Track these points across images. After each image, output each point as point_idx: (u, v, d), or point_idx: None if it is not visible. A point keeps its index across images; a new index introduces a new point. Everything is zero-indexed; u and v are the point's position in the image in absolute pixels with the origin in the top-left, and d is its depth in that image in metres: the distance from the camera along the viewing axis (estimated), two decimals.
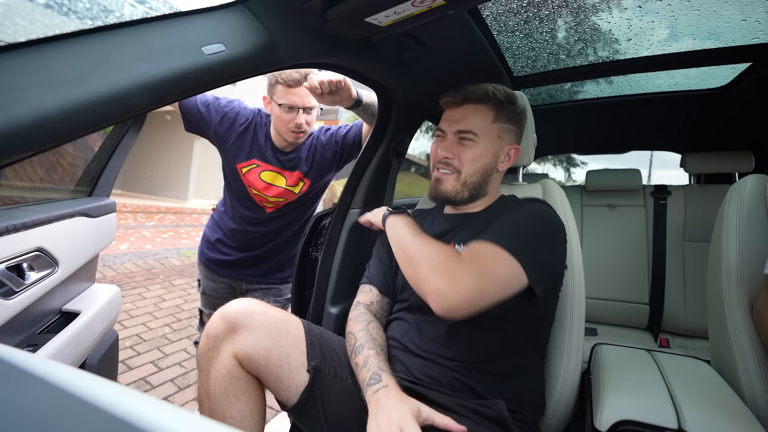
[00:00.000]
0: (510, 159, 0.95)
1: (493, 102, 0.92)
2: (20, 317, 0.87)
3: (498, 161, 0.93)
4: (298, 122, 1.27)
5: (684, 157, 1.96)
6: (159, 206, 9.73)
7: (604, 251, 1.93)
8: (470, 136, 0.90)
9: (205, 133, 1.36)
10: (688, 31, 1.18)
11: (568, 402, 0.87)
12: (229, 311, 0.79)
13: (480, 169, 0.91)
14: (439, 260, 0.72)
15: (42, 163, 1.28)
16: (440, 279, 0.69)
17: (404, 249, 0.80)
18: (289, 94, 1.25)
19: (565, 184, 7.63)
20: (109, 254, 4.19)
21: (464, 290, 0.68)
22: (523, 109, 0.97)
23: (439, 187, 0.93)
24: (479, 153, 0.90)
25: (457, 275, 0.69)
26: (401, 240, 0.83)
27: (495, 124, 0.92)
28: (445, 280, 0.69)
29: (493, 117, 0.91)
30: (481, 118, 0.91)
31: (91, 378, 0.24)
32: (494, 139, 0.91)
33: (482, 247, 0.74)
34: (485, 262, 0.71)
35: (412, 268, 0.76)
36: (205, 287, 1.56)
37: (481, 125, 0.91)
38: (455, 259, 0.72)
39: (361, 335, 0.88)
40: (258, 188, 1.37)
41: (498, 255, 0.72)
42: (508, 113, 0.93)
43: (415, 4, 0.68)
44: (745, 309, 0.84)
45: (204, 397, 0.78)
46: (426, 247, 0.77)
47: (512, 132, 0.95)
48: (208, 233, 1.54)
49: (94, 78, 0.50)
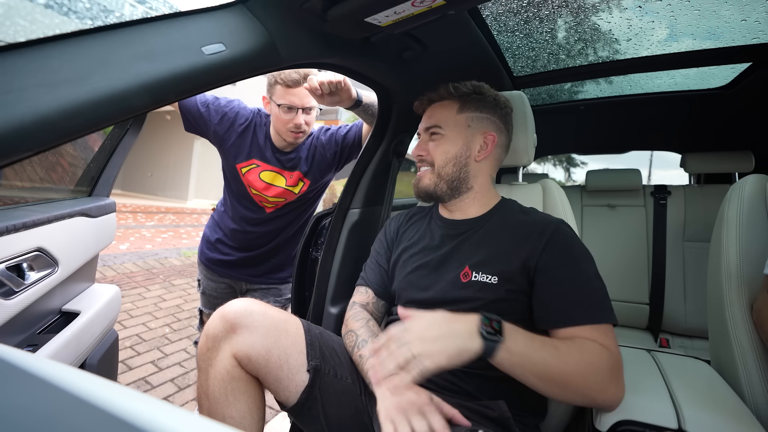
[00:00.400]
0: (488, 147, 0.93)
1: (456, 95, 0.93)
2: (20, 317, 0.87)
3: (472, 150, 0.92)
4: (297, 122, 1.27)
5: (684, 157, 1.96)
6: (159, 206, 9.73)
7: (604, 251, 1.93)
8: (436, 129, 0.93)
9: (205, 133, 1.36)
10: (688, 31, 1.18)
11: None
12: (228, 311, 0.79)
13: (451, 159, 0.91)
14: (600, 371, 0.66)
15: (42, 163, 1.28)
16: (610, 387, 0.66)
17: (554, 380, 0.65)
18: (288, 95, 1.25)
19: (565, 184, 7.63)
20: (109, 254, 4.19)
21: (622, 376, 0.68)
22: (495, 97, 0.96)
23: (419, 184, 0.95)
24: (447, 144, 0.92)
25: (617, 371, 0.68)
26: (544, 372, 0.65)
27: (461, 115, 0.92)
28: (614, 383, 0.67)
29: (458, 108, 0.93)
30: (446, 111, 0.93)
31: (91, 378, 0.24)
32: (463, 129, 0.92)
33: (604, 332, 0.71)
34: (615, 344, 0.71)
35: (569, 389, 0.66)
36: (205, 287, 1.56)
37: (447, 117, 0.93)
38: (605, 358, 0.67)
39: (362, 331, 0.88)
40: (258, 188, 1.37)
41: (612, 330, 0.72)
42: (475, 103, 0.93)
43: (415, 4, 0.68)
44: (745, 309, 0.84)
45: (203, 398, 0.78)
46: (578, 362, 0.66)
47: (485, 120, 0.93)
48: (208, 233, 1.54)
49: (94, 78, 0.50)
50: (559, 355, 0.65)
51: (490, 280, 0.81)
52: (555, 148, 2.66)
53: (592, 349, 0.67)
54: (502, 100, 0.97)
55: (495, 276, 0.80)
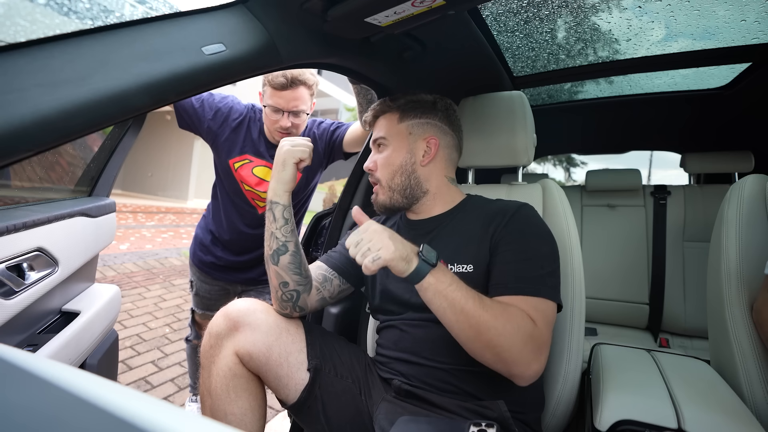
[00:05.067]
0: (432, 150, 0.91)
1: (395, 106, 0.94)
2: (20, 317, 0.87)
3: (416, 156, 0.91)
4: (283, 125, 1.26)
5: (684, 157, 1.96)
6: (159, 206, 9.73)
7: (604, 251, 1.93)
8: (381, 140, 0.93)
9: (199, 129, 1.35)
10: (688, 31, 1.18)
11: (568, 402, 0.87)
12: (232, 310, 0.81)
13: (397, 170, 0.90)
14: (518, 332, 0.67)
15: (41, 162, 1.28)
16: (524, 354, 0.67)
17: (469, 321, 0.67)
18: (275, 96, 1.24)
19: (565, 184, 7.62)
20: (109, 254, 4.19)
21: (544, 357, 0.70)
22: (434, 101, 0.95)
23: (377, 201, 0.94)
24: (390, 155, 0.91)
25: (537, 345, 0.69)
26: (461, 309, 0.68)
27: (402, 124, 0.92)
28: (531, 353, 0.68)
29: (398, 118, 0.93)
30: (388, 122, 0.93)
31: (91, 378, 0.24)
32: (404, 138, 0.91)
33: (536, 305, 0.73)
34: (545, 320, 0.72)
35: (482, 338, 0.67)
36: (199, 289, 1.54)
37: (389, 128, 0.93)
38: (528, 326, 0.69)
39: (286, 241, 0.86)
40: (250, 184, 1.37)
41: (549, 309, 0.74)
42: (415, 109, 0.93)
43: (415, 4, 0.68)
44: (745, 309, 0.84)
45: (206, 395, 0.79)
46: (497, 316, 0.68)
47: (426, 125, 0.92)
48: (200, 235, 1.51)
49: (95, 78, 0.50)
50: (482, 304, 0.68)
51: (466, 269, 0.82)
52: (555, 148, 2.66)
53: (517, 314, 0.69)
54: (441, 101, 0.96)
55: (470, 264, 0.81)
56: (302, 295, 0.87)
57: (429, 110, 0.94)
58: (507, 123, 1.09)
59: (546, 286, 0.75)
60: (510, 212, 0.84)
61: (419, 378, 0.82)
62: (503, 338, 0.66)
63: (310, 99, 1.30)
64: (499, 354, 0.67)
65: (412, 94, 0.95)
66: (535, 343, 0.68)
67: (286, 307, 0.87)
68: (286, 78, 1.22)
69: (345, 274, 0.96)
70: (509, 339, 0.66)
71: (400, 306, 0.88)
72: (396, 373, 0.85)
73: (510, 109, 1.09)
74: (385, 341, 0.91)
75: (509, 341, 0.66)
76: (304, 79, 1.24)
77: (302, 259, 0.88)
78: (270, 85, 1.24)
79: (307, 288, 0.88)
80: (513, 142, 1.08)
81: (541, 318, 0.71)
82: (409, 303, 0.86)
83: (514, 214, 0.83)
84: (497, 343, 0.66)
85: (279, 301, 0.87)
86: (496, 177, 2.17)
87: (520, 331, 0.67)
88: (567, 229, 0.94)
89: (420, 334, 0.84)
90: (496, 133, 1.10)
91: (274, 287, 0.87)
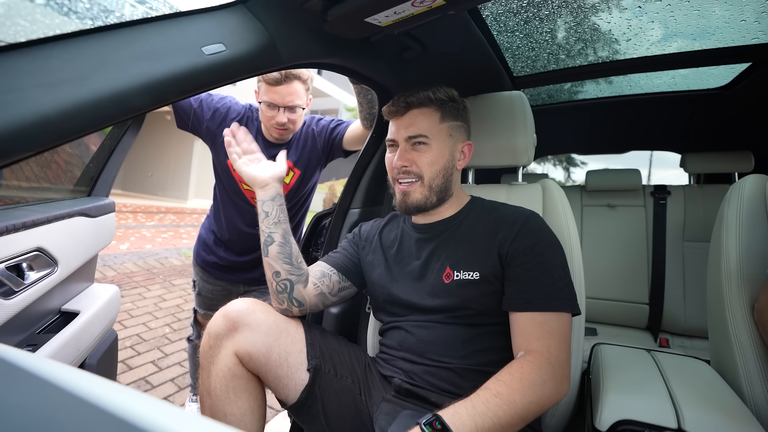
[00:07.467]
0: (465, 156, 0.93)
1: (437, 103, 0.89)
2: (20, 317, 0.87)
3: (455, 160, 0.91)
4: (279, 120, 1.26)
5: (684, 157, 1.96)
6: (159, 206, 9.72)
7: (604, 251, 1.93)
8: (422, 139, 0.87)
9: (197, 129, 1.35)
10: (688, 31, 1.18)
11: (568, 402, 0.87)
12: (231, 310, 0.80)
13: (441, 171, 0.89)
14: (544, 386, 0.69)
15: (40, 162, 1.27)
16: (556, 393, 0.70)
17: (513, 421, 0.66)
18: (270, 92, 1.24)
19: (565, 184, 7.63)
20: (109, 254, 4.19)
21: (567, 372, 0.73)
22: (465, 104, 0.95)
23: (409, 200, 0.89)
24: (436, 155, 0.88)
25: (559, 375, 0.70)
26: (500, 425, 0.65)
27: (443, 124, 0.89)
28: (558, 385, 0.70)
29: (440, 117, 0.89)
30: (429, 120, 0.88)
31: (91, 378, 0.24)
32: (446, 139, 0.89)
33: (551, 321, 0.74)
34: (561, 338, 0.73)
35: (528, 417, 0.67)
36: (201, 288, 1.55)
37: (431, 127, 0.88)
38: (546, 370, 0.69)
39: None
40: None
41: (566, 322, 0.75)
42: (453, 111, 0.91)
43: (415, 4, 0.68)
44: (746, 309, 0.84)
45: (205, 395, 0.79)
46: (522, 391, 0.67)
47: (461, 129, 0.93)
48: (204, 235, 1.52)
49: (94, 78, 0.50)
50: (504, 401, 0.65)
51: (472, 276, 0.82)
52: (555, 148, 2.66)
53: (529, 370, 0.69)
54: (464, 103, 0.96)
55: (476, 272, 0.81)
56: (296, 285, 0.87)
57: (463, 114, 0.94)
58: (507, 123, 1.09)
59: (564, 299, 0.76)
60: (520, 222, 0.83)
61: (422, 377, 0.82)
62: (537, 401, 0.67)
63: (305, 93, 1.30)
64: (543, 408, 0.69)
65: (449, 92, 0.92)
66: (556, 375, 0.70)
67: (283, 300, 0.87)
68: (280, 73, 1.21)
69: (345, 271, 0.96)
70: (539, 396, 0.67)
71: (406, 309, 0.89)
72: (398, 370, 0.85)
73: (510, 109, 1.09)
74: (389, 341, 0.91)
75: (540, 397, 0.67)
76: (298, 74, 1.24)
77: (292, 250, 0.90)
78: (264, 81, 1.24)
79: (301, 279, 0.89)
80: (513, 142, 1.08)
81: (557, 338, 0.73)
82: (414, 306, 0.86)
83: (524, 225, 0.83)
84: (536, 407, 0.67)
85: (275, 293, 0.87)
86: (496, 177, 2.17)
87: (543, 383, 0.68)
88: (567, 229, 0.94)
89: (425, 335, 0.84)
90: (496, 133, 1.10)
91: (269, 280, 0.89)
